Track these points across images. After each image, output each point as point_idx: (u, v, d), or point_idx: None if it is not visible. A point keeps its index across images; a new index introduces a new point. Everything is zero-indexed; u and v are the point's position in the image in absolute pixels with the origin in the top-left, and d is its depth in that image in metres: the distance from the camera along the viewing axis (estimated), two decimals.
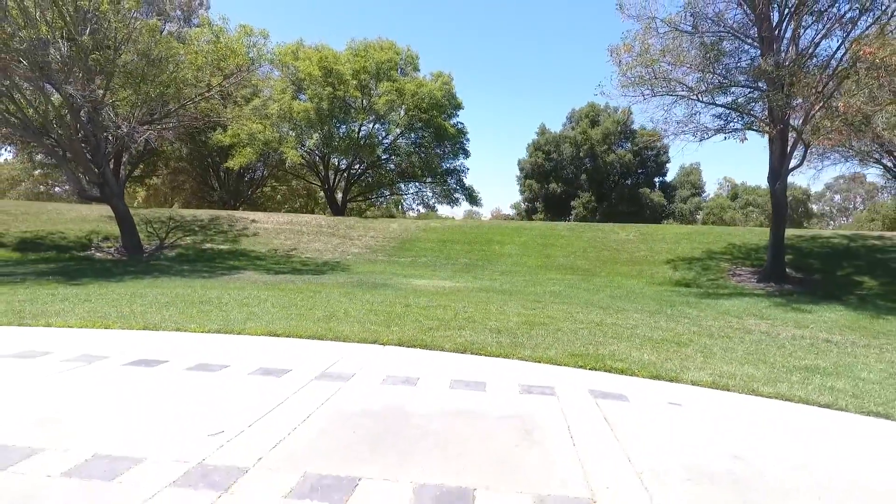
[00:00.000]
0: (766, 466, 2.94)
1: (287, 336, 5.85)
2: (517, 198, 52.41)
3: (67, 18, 12.70)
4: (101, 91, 14.90)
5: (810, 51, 12.83)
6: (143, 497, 2.31)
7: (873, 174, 33.08)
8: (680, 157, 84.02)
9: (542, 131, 46.55)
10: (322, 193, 41.67)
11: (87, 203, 22.29)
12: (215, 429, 3.08)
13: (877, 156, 23.95)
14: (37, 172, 43.74)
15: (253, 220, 24.13)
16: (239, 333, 5.91)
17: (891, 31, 11.80)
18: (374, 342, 5.67)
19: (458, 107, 33.14)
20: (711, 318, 8.98)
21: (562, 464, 2.84)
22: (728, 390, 4.45)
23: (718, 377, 4.75)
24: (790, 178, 16.95)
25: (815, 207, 62.62)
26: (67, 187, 48.98)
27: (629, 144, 42.26)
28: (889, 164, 25.28)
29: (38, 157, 35.71)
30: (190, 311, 7.11)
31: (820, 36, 13.08)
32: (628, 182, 43.73)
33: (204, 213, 25.25)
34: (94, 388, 3.87)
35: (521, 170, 47.81)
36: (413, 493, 2.44)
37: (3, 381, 3.94)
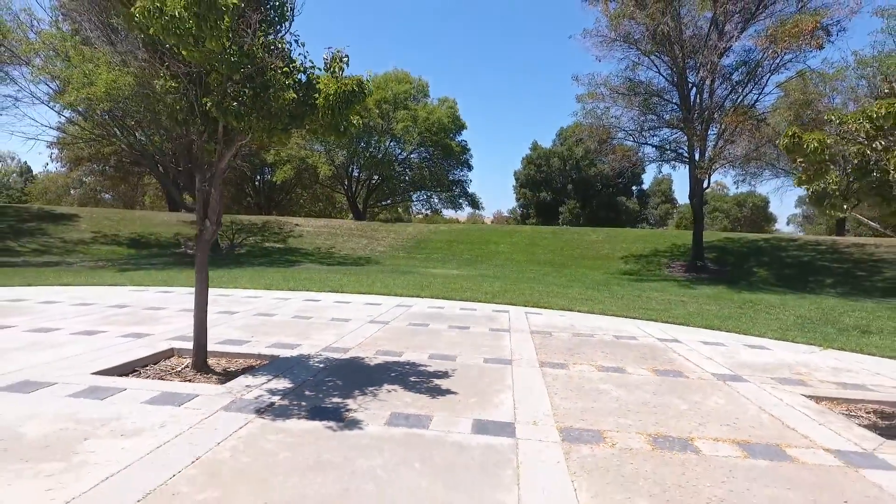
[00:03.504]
0: (581, 326, 7.30)
1: (368, 293, 10.22)
2: (514, 203, 56.81)
3: None
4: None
5: (717, 107, 17.18)
6: (354, 327, 6.68)
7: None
8: (654, 168, 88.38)
9: (535, 147, 50.89)
10: (339, 198, 46.28)
11: (165, 211, 26.76)
12: (370, 314, 7.48)
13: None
14: (88, 179, 49.00)
15: (296, 224, 28.55)
16: (342, 292, 10.28)
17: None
18: (417, 296, 10.03)
19: (462, 127, 37.59)
20: (624, 291, 13.27)
21: (503, 323, 7.21)
22: (593, 313, 8.78)
23: (591, 309, 9.08)
24: (756, 188, 21.17)
25: (799, 211, 65.96)
26: (109, 195, 54.24)
27: (607, 158, 46.54)
28: None
29: (108, 169, 40.89)
30: (306, 282, 11.49)
31: (726, 95, 17.43)
32: (609, 190, 48.01)
33: (257, 219, 29.69)
34: (306, 307, 8.24)
35: (517, 180, 52.23)
36: (448, 327, 6.83)
37: (251, 306, 8.35)
